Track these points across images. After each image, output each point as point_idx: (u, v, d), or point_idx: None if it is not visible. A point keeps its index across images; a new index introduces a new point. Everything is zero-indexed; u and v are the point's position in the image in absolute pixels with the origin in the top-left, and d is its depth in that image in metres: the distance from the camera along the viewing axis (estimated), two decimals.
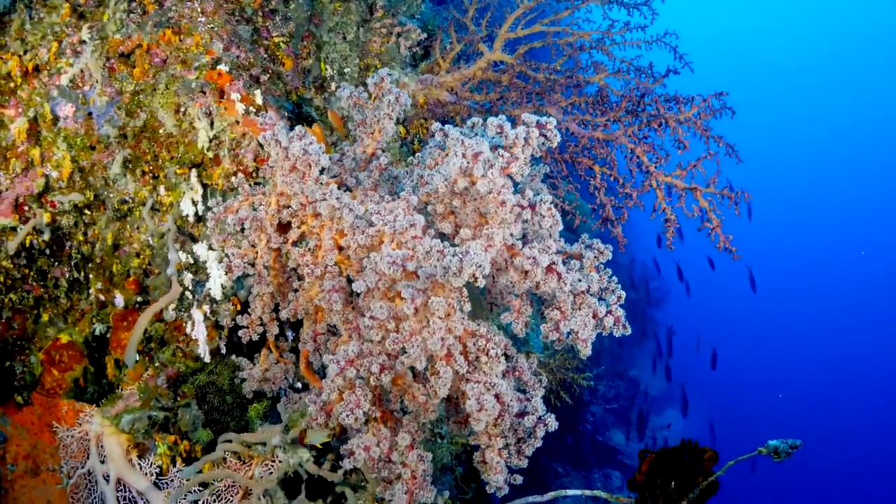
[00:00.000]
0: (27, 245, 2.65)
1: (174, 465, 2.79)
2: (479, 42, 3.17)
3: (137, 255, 2.77)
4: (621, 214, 2.93)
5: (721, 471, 2.75)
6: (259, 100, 2.70)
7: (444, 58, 3.19)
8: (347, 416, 2.24)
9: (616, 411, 12.93)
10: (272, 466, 2.61)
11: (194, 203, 2.71)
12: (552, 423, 2.34)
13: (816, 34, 53.90)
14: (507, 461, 2.39)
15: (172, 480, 2.82)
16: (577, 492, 2.81)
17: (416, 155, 2.64)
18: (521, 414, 2.35)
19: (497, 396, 2.30)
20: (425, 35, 3.21)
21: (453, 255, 2.10)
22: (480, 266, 2.06)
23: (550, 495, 2.79)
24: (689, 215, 2.73)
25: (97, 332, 2.85)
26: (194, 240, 2.71)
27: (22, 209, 2.64)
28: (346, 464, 2.31)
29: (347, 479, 2.70)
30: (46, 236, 2.65)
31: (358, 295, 2.45)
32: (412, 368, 2.43)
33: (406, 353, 2.19)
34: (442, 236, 2.54)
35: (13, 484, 2.62)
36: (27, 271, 2.68)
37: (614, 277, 2.48)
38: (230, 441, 2.64)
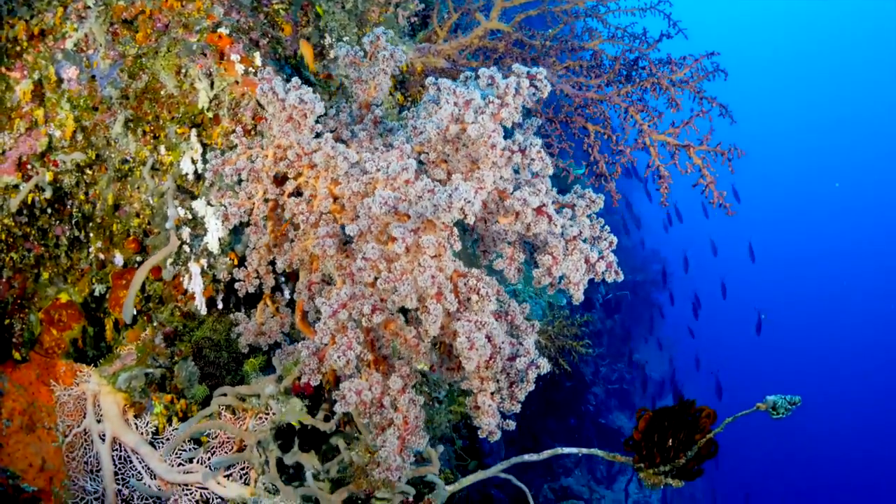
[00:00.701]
0: (29, 203, 2.70)
1: (170, 425, 2.80)
2: (476, 11, 3.23)
3: (137, 214, 2.81)
4: (614, 170, 2.96)
5: (719, 427, 2.72)
6: (258, 61, 2.77)
7: (442, 27, 3.26)
8: (339, 357, 2.25)
9: (619, 394, 12.86)
10: (266, 418, 2.61)
11: (194, 162, 2.76)
12: (544, 366, 2.33)
13: (817, 27, 54.32)
14: (499, 406, 2.38)
15: (168, 440, 2.82)
16: (574, 450, 2.78)
17: (411, 110, 2.69)
18: (513, 357, 2.34)
19: (488, 337, 2.30)
20: (423, 5, 3.29)
21: (443, 192, 2.13)
22: (469, 201, 2.08)
23: (547, 453, 2.77)
24: (683, 172, 2.75)
25: (97, 293, 2.88)
26: (193, 197, 2.75)
27: (25, 168, 2.69)
28: (338, 407, 2.31)
29: (340, 430, 2.69)
30: (48, 194, 2.70)
31: (351, 242, 2.48)
32: (404, 312, 2.44)
33: (397, 291, 2.20)
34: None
35: (8, 439, 2.62)
36: (28, 230, 2.73)
37: (606, 227, 2.49)
38: (225, 395, 2.64)
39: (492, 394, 2.35)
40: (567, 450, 2.78)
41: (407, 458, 2.35)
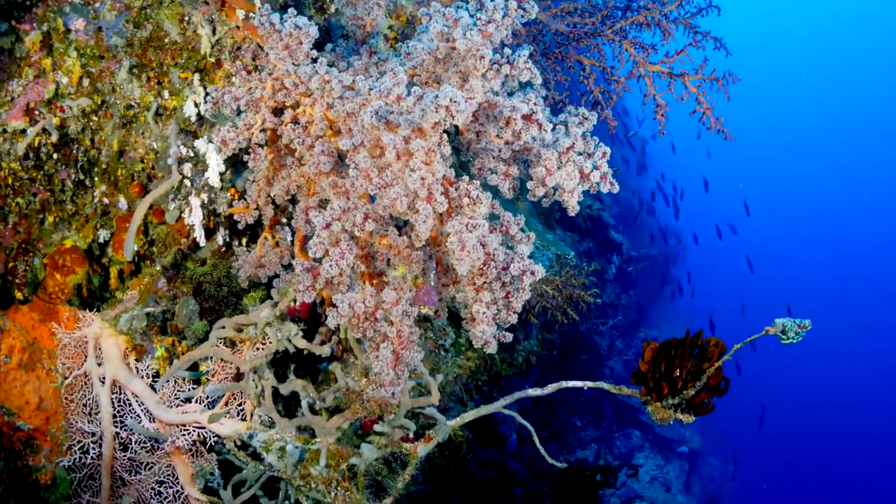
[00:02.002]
0: (36, 146, 2.77)
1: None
2: None
3: (141, 160, 2.87)
4: (609, 99, 2.97)
5: (728, 355, 2.63)
6: (258, 4, 2.85)
7: None
8: (332, 267, 2.25)
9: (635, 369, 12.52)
10: (263, 347, 2.59)
11: (196, 105, 2.83)
12: (539, 271, 2.30)
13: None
14: (496, 317, 2.35)
15: (168, 382, 2.80)
16: (579, 383, 2.71)
17: (405, 41, 2.74)
18: (508, 266, 2.31)
19: (482, 244, 2.29)
20: None
21: (430, 95, 2.15)
22: (455, 101, 2.10)
23: (551, 387, 2.70)
24: (679, 100, 2.75)
25: (101, 239, 2.91)
26: (196, 138, 2.81)
27: (32, 113, 2.77)
28: (330, 320, 2.29)
29: (337, 357, 2.66)
30: (54, 138, 2.76)
31: (347, 166, 2.50)
32: (397, 225, 2.43)
33: (388, 195, 2.20)
34: None
35: (5, 376, 2.63)
36: (35, 174, 2.79)
37: (601, 144, 2.48)
38: (223, 328, 2.63)
39: (487, 304, 2.31)
40: (572, 383, 2.71)
41: (401, 373, 2.31)
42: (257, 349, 2.61)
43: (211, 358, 2.79)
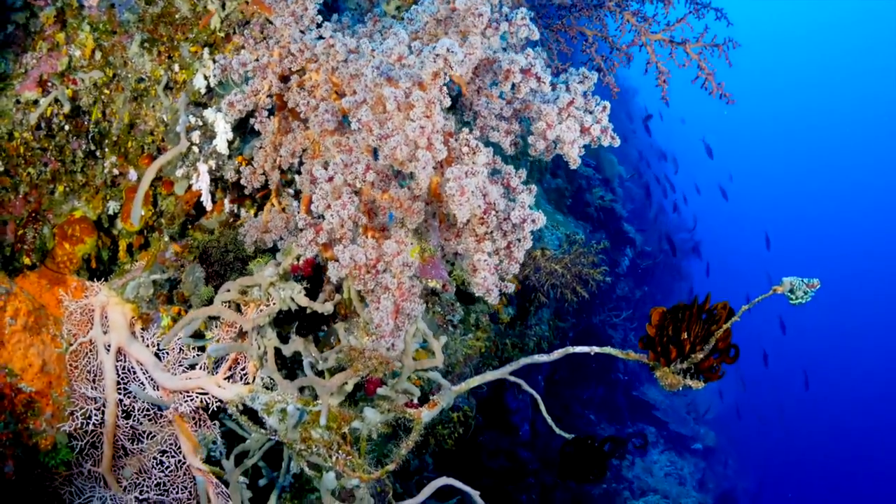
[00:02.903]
0: (48, 117, 2.82)
1: None
2: None
3: (151, 132, 2.91)
4: (611, 65, 2.98)
5: (736, 316, 2.59)
6: None
7: None
8: (333, 216, 2.26)
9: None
10: (266, 308, 2.59)
11: (206, 78, 2.88)
12: (540, 219, 2.29)
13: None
14: (498, 268, 2.34)
15: (172, 342, 2.80)
16: (586, 348, 2.66)
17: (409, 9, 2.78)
18: (509, 216, 2.31)
19: (484, 193, 2.29)
20: None
21: (428, 48, 2.19)
22: (452, 51, 2.13)
23: (558, 353, 2.66)
24: (680, 66, 2.76)
25: (111, 211, 2.95)
26: (205, 108, 2.85)
27: (45, 85, 2.84)
28: (332, 272, 2.29)
29: (339, 316, 2.64)
30: (66, 108, 2.82)
31: (349, 124, 2.52)
32: (398, 175, 2.44)
33: (388, 144, 2.22)
34: None
35: (10, 337, 2.63)
36: (47, 144, 2.84)
37: (603, 102, 2.49)
38: (228, 291, 2.64)
39: (488, 253, 2.30)
40: (578, 349, 2.67)
41: (402, 324, 2.30)
42: (261, 310, 2.60)
43: (216, 325, 2.79)
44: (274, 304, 2.55)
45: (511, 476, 5.99)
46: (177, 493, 2.89)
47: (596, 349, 2.69)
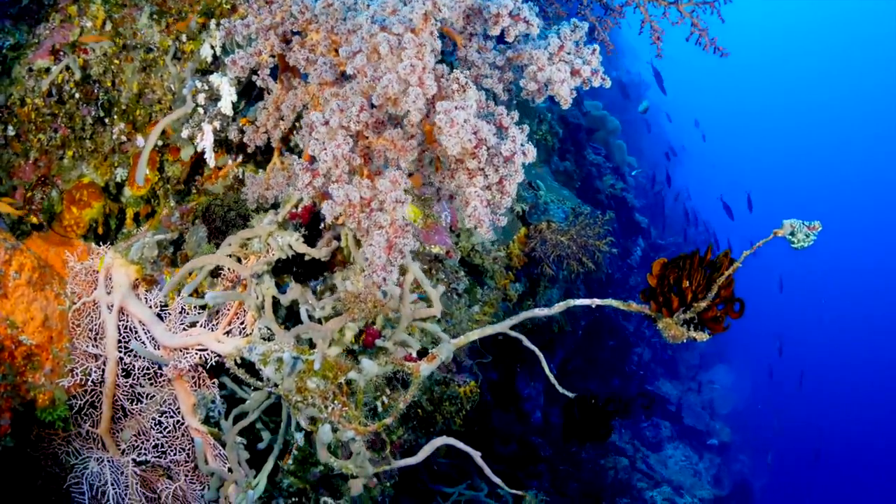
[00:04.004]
0: (59, 83, 2.92)
1: None
2: None
3: (159, 101, 2.99)
4: (605, 25, 3.01)
5: (737, 262, 2.54)
6: None
7: None
8: (328, 154, 2.29)
9: (665, 362, 11.97)
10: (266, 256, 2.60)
11: (213, 48, 2.96)
12: (532, 152, 2.30)
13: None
14: (490, 202, 2.33)
15: (175, 310, 2.81)
16: (587, 301, 2.62)
17: None
18: (500, 151, 2.32)
19: (475, 130, 2.30)
20: None
21: None
22: None
23: (559, 306, 2.62)
24: (673, 24, 2.79)
25: (118, 178, 3.01)
26: (210, 73, 2.93)
27: (57, 54, 2.94)
28: (326, 209, 2.30)
29: (337, 264, 2.64)
30: (77, 76, 2.91)
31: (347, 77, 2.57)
32: (392, 120, 2.46)
33: (381, 83, 2.25)
34: None
35: (13, 290, 2.66)
36: (57, 110, 2.93)
37: (593, 45, 2.51)
38: (230, 245, 2.66)
39: (480, 188, 2.31)
40: (579, 302, 2.63)
41: (395, 259, 2.29)
42: (261, 260, 2.61)
43: (218, 283, 2.80)
44: (273, 253, 2.57)
45: (523, 462, 5.84)
46: (174, 454, 2.87)
47: (597, 301, 2.64)
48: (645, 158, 13.06)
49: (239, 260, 2.68)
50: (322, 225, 2.70)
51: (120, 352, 2.80)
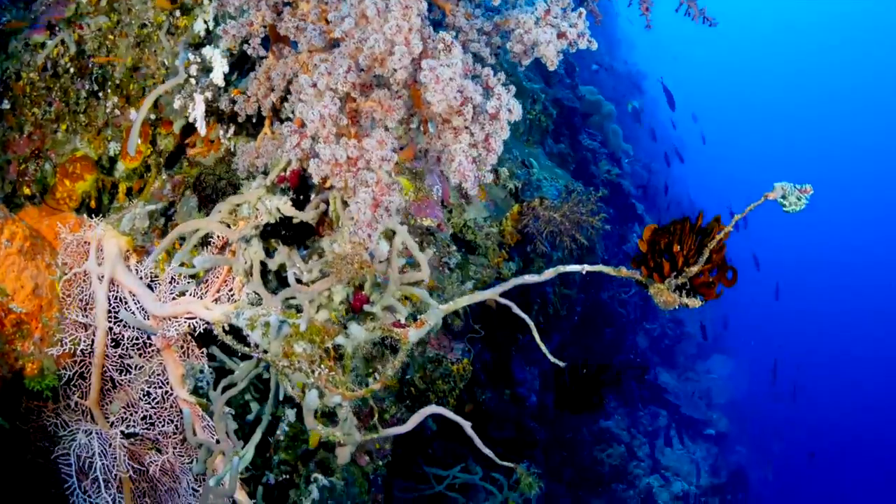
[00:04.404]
0: (54, 58, 2.94)
1: None
2: None
3: (153, 75, 3.01)
4: None
5: (729, 226, 2.52)
6: None
7: None
8: (315, 114, 2.29)
9: (662, 351, 11.84)
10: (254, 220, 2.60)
11: (205, 22, 2.99)
12: (516, 110, 2.29)
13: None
14: (476, 160, 2.33)
15: (165, 280, 2.81)
16: (577, 267, 2.60)
17: None
18: (486, 110, 2.32)
19: (460, 90, 2.30)
20: None
21: None
22: None
23: (549, 272, 2.60)
24: None
25: (112, 153, 3.03)
26: (203, 47, 2.95)
27: (53, 29, 2.97)
28: (313, 168, 2.31)
29: (323, 227, 2.63)
30: (72, 50, 2.94)
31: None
32: (379, 82, 2.47)
33: (367, 43, 2.26)
34: None
35: (4, 258, 2.66)
36: (52, 84, 2.95)
37: (579, 9, 2.52)
38: (220, 211, 2.66)
39: (466, 145, 2.30)
40: (569, 268, 2.61)
41: (380, 217, 2.29)
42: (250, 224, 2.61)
43: (208, 246, 2.80)
44: (261, 217, 2.56)
45: (517, 446, 5.77)
46: (163, 425, 2.85)
47: (587, 267, 2.63)
48: (641, 148, 13.01)
49: (228, 226, 2.68)
50: (311, 190, 2.70)
51: (110, 322, 2.80)
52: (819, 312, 30.14)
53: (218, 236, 2.75)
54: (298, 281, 2.56)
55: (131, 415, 2.85)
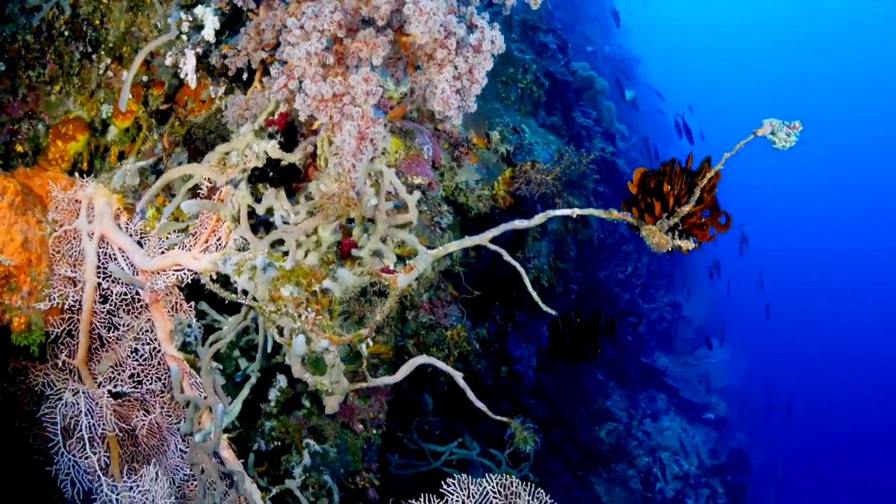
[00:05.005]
0: (49, 20, 2.98)
1: None
2: None
3: (146, 39, 3.04)
4: None
5: (719, 164, 2.48)
6: None
7: None
8: (301, 51, 2.30)
9: (660, 335, 11.58)
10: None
11: None
12: (499, 40, 2.30)
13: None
14: (461, 91, 2.33)
15: (155, 236, 2.80)
16: (567, 211, 2.58)
17: None
18: (470, 44, 2.32)
19: (444, 26, 2.31)
20: None
21: None
22: None
23: (539, 217, 2.57)
24: None
25: (104, 115, 3.04)
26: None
27: None
28: (299, 104, 2.31)
29: (310, 174, 2.61)
30: (67, 13, 2.98)
31: None
32: (365, 24, 2.47)
33: None
34: None
35: None
36: (46, 46, 2.98)
37: None
38: (210, 161, 2.65)
39: (451, 77, 2.30)
40: (559, 212, 2.58)
41: (365, 149, 2.28)
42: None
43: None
44: (249, 161, 2.55)
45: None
46: (150, 383, 2.81)
47: (578, 211, 2.59)
48: (636, 132, 13.00)
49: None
50: (299, 134, 2.69)
51: (99, 277, 2.77)
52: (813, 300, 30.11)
53: (206, 188, 2.74)
54: (287, 224, 2.54)
55: (119, 374, 2.81)
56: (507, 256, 2.68)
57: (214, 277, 2.61)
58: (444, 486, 2.65)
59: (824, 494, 19.00)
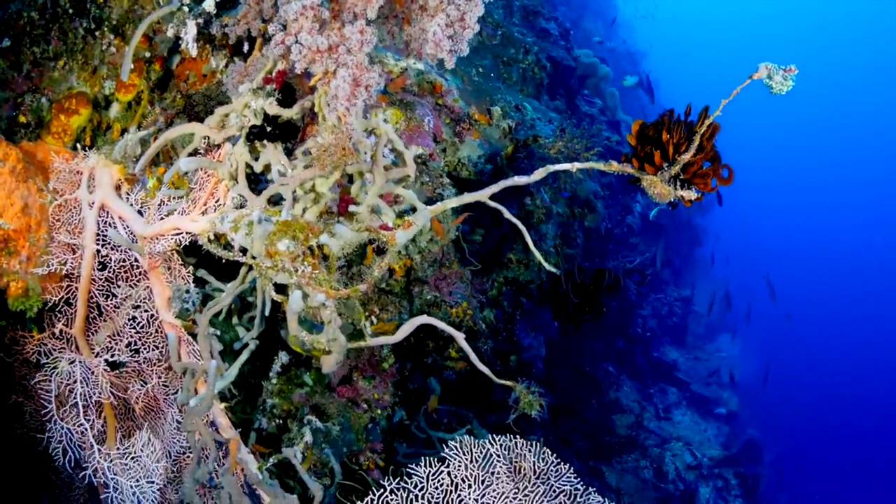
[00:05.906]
0: None
1: None
2: None
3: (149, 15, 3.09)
4: None
5: (717, 110, 2.46)
6: None
7: None
8: (297, 7, 2.32)
9: (670, 329, 11.22)
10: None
11: None
12: None
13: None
14: (452, 37, 2.33)
15: (154, 203, 2.79)
16: (567, 166, 2.55)
17: None
18: None
19: None
20: None
21: None
22: None
23: (539, 172, 2.55)
24: None
25: (107, 91, 3.07)
26: None
27: None
28: (295, 55, 2.32)
29: (307, 132, 2.60)
30: None
31: None
32: None
33: None
34: None
35: None
36: (50, 25, 3.03)
37: None
38: (209, 125, 2.66)
39: (443, 24, 2.31)
40: (560, 166, 2.56)
41: (359, 94, 2.28)
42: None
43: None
44: (247, 119, 2.56)
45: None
46: (147, 351, 2.77)
47: (577, 165, 2.57)
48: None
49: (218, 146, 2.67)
50: (296, 93, 2.69)
51: (98, 244, 2.76)
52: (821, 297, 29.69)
53: (204, 151, 2.74)
54: (282, 175, 2.52)
55: (116, 343, 2.78)
56: (507, 214, 2.65)
57: (212, 238, 2.59)
58: (446, 450, 2.57)
59: (836, 489, 18.49)
